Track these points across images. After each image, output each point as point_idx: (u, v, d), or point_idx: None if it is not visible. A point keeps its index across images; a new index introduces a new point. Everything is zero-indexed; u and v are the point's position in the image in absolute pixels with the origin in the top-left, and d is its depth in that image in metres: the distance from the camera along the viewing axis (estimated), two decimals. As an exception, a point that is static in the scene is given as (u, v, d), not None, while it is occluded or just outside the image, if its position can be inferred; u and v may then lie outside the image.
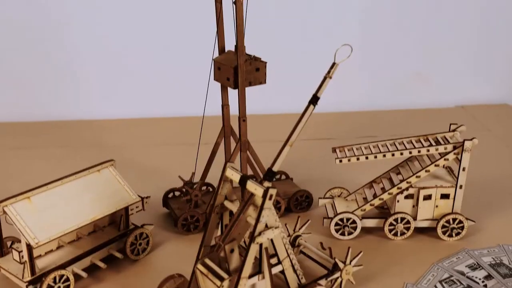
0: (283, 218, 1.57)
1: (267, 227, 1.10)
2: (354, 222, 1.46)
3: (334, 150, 1.48)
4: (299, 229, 1.38)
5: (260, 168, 1.53)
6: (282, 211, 1.57)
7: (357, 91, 2.36)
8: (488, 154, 1.95)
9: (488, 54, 2.42)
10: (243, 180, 1.11)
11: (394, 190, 1.44)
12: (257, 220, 1.08)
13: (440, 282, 1.32)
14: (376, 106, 2.35)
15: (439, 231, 1.46)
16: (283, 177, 1.70)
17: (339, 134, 2.09)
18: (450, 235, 1.47)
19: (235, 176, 1.14)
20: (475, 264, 1.38)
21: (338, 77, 2.03)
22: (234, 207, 1.17)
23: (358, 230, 1.47)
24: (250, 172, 1.55)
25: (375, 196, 1.48)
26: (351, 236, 1.48)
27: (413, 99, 2.38)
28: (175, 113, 2.26)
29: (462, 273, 1.35)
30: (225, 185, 1.17)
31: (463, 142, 1.40)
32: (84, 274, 1.29)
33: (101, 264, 1.32)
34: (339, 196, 1.56)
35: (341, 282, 1.28)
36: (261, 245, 1.11)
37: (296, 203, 1.60)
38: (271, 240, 1.14)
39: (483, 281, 1.33)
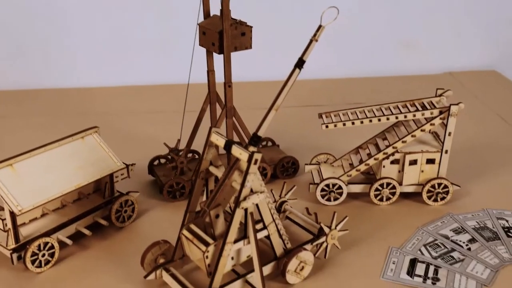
0: (270, 184, 1.57)
1: (252, 192, 1.10)
2: (340, 187, 1.47)
3: (320, 115, 1.48)
4: (285, 194, 1.37)
5: (246, 134, 1.52)
6: (268, 178, 1.57)
7: (344, 58, 2.34)
8: (475, 120, 1.95)
9: (476, 21, 2.40)
10: (228, 145, 1.10)
11: (380, 156, 1.44)
12: (242, 184, 1.07)
13: (425, 245, 1.33)
14: (364, 73, 2.34)
15: (425, 196, 1.47)
16: (270, 143, 1.69)
17: (326, 101, 2.08)
18: (435, 200, 1.47)
19: (220, 141, 1.13)
20: (459, 228, 1.39)
21: (326, 43, 2.02)
22: (219, 172, 1.16)
23: (344, 195, 1.48)
24: (236, 138, 1.54)
25: (361, 161, 1.48)
26: (337, 202, 1.48)
27: (401, 66, 2.37)
28: (161, 80, 2.23)
29: (447, 237, 1.36)
30: (210, 151, 1.16)
31: (449, 107, 1.40)
32: (69, 242, 1.28)
33: (86, 231, 1.32)
34: (325, 162, 1.56)
35: (326, 246, 1.28)
36: (246, 210, 1.11)
37: (282, 169, 1.59)
38: (256, 205, 1.14)
39: (467, 245, 1.34)
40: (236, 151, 1.09)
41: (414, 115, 1.43)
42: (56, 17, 2.18)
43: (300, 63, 1.12)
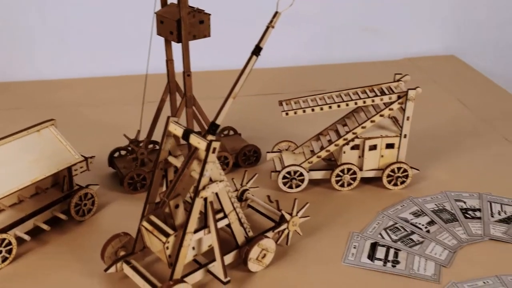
0: (232, 173, 1.56)
1: (211, 181, 1.09)
2: (301, 174, 1.47)
3: (280, 103, 1.48)
4: (247, 183, 1.37)
5: (207, 124, 1.51)
6: (230, 167, 1.56)
7: (305, 46, 2.35)
8: (434, 105, 1.98)
9: (435, 6, 2.43)
10: (186, 134, 1.09)
11: (340, 142, 1.45)
12: (201, 174, 1.06)
13: (385, 229, 1.35)
14: (325, 60, 2.35)
15: (385, 180, 1.48)
16: (231, 132, 1.68)
17: (288, 89, 2.08)
18: (395, 184, 1.49)
19: (178, 131, 1.12)
20: (418, 211, 1.41)
21: (287, 31, 2.02)
22: (178, 162, 1.15)
23: (306, 182, 1.48)
24: (197, 128, 1.53)
25: (322, 148, 1.48)
26: (299, 189, 1.49)
27: (361, 53, 2.39)
28: (119, 71, 2.20)
29: (406, 220, 1.38)
30: (168, 140, 1.15)
31: (407, 91, 1.41)
32: (27, 237, 1.26)
33: (45, 227, 1.29)
34: (286, 149, 1.56)
35: (288, 233, 1.28)
36: (205, 199, 1.10)
37: (244, 158, 1.59)
38: (216, 194, 1.13)
39: (426, 227, 1.36)
40: (194, 140, 1.08)
41: (373, 101, 1.44)
42: (14, 8, 2.13)
43: (257, 50, 1.12)
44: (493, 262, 1.26)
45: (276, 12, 1.11)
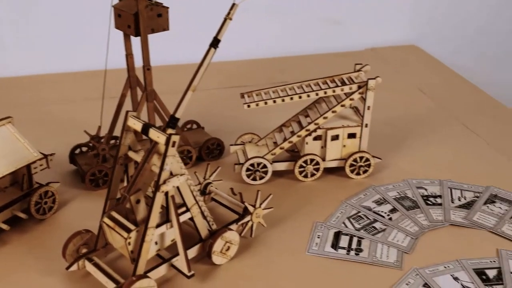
0: (195, 167, 1.56)
1: (172, 175, 1.09)
2: (265, 166, 1.47)
3: (242, 95, 1.47)
4: (210, 176, 1.37)
5: (168, 118, 1.49)
6: (193, 160, 1.56)
7: (267, 38, 2.34)
8: (396, 94, 2.00)
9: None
10: (145, 129, 1.08)
11: (303, 133, 1.46)
12: (161, 168, 1.06)
13: (348, 218, 1.36)
14: (288, 52, 2.35)
15: (347, 170, 1.50)
16: (194, 126, 1.67)
17: (251, 82, 2.08)
18: (358, 173, 1.51)
19: (137, 125, 1.10)
20: (381, 199, 1.43)
21: (248, 23, 2.01)
22: (138, 157, 1.14)
23: (269, 174, 1.48)
24: (159, 122, 1.51)
25: (284, 139, 1.49)
26: (262, 181, 1.49)
27: (324, 44, 2.39)
28: (78, 67, 2.15)
29: (369, 209, 1.40)
30: (128, 135, 1.13)
31: (367, 81, 1.42)
32: (-14, 237, 1.24)
33: (4, 226, 1.27)
34: (250, 142, 1.56)
35: (252, 225, 1.29)
36: (167, 193, 1.09)
37: (207, 151, 1.58)
38: (178, 188, 1.12)
39: (388, 214, 1.38)
40: (154, 134, 1.07)
41: (334, 91, 1.45)
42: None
43: (215, 42, 1.11)
44: (454, 247, 1.29)
45: (233, 4, 1.10)
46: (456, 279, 1.19)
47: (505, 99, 2.04)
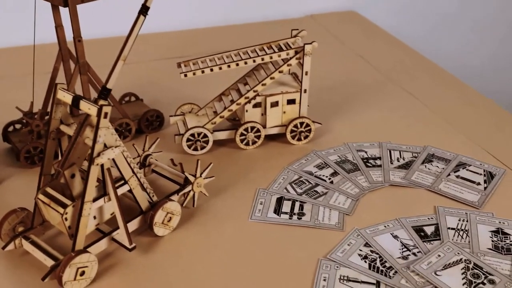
0: (136, 140, 1.53)
1: (106, 147, 1.06)
2: (205, 136, 1.46)
3: (179, 65, 1.45)
4: (149, 148, 1.35)
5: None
6: (133, 133, 1.53)
7: (205, 7, 2.30)
8: (335, 60, 2.01)
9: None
10: (76, 101, 1.05)
11: (242, 100, 1.45)
12: (94, 140, 1.03)
13: (290, 183, 1.37)
14: (227, 21, 2.32)
15: (288, 136, 1.50)
16: (133, 98, 1.64)
17: (188, 52, 2.04)
18: (299, 139, 1.51)
19: (67, 98, 1.07)
20: (322, 164, 1.44)
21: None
22: (71, 130, 1.10)
23: (210, 143, 1.47)
24: (95, 95, 1.47)
25: (224, 108, 1.47)
26: (204, 151, 1.48)
27: (262, 12, 2.37)
28: (6, 43, 2.06)
29: (311, 173, 1.41)
30: (58, 109, 1.10)
31: (304, 46, 1.42)
32: None
33: None
34: (190, 112, 1.54)
35: (193, 195, 1.28)
36: (102, 166, 1.07)
37: (147, 123, 1.56)
38: (114, 160, 1.10)
39: (329, 178, 1.39)
40: (85, 106, 1.04)
41: (271, 57, 1.44)
42: None
43: (144, 10, 1.08)
44: (393, 206, 1.31)
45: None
46: (395, 237, 1.22)
47: (442, 62, 2.09)
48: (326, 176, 1.39)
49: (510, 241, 1.20)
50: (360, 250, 1.18)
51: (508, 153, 1.49)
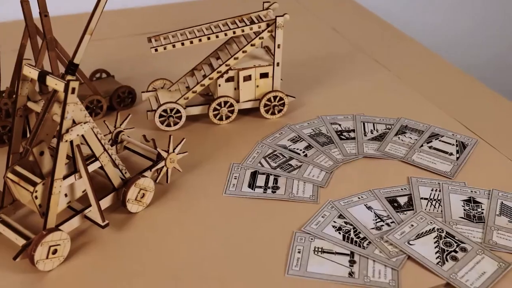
0: (107, 117, 1.51)
1: (75, 123, 1.04)
2: (178, 111, 1.44)
3: (149, 39, 1.42)
4: (120, 124, 1.33)
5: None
6: (104, 110, 1.50)
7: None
8: (308, 33, 2.00)
9: None
10: (42, 76, 1.03)
11: (214, 75, 1.43)
12: (62, 116, 1.01)
13: (264, 158, 1.37)
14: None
15: (262, 110, 1.49)
16: (104, 75, 1.61)
17: (159, 28, 2.00)
18: (273, 113, 1.51)
19: (33, 74, 1.04)
20: (296, 137, 1.44)
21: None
22: (38, 107, 1.08)
23: (183, 119, 1.46)
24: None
25: (197, 83, 1.46)
26: (177, 126, 1.46)
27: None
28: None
29: (285, 147, 1.40)
30: (24, 85, 1.07)
31: (275, 18, 1.40)
32: None
33: None
34: (162, 88, 1.52)
35: (167, 171, 1.27)
36: (71, 142, 1.05)
37: (119, 100, 1.53)
38: (84, 136, 1.08)
39: (303, 151, 1.39)
40: (52, 81, 1.02)
41: (243, 30, 1.42)
42: None
43: (110, -18, 1.06)
44: (367, 178, 1.32)
45: None
46: (369, 208, 1.23)
47: (415, 34, 2.09)
48: (300, 150, 1.39)
49: (482, 209, 1.22)
50: (334, 222, 1.19)
51: (480, 123, 1.51)
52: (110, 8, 1.12)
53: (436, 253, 1.11)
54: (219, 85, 1.44)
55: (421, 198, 1.25)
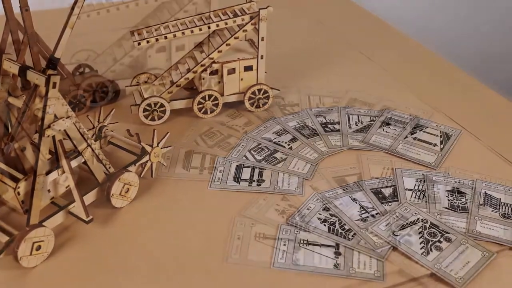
0: (90, 111, 1.49)
1: (57, 118, 1.03)
2: (162, 105, 1.44)
3: (132, 33, 1.41)
4: (104, 119, 1.32)
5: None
6: (88, 105, 1.49)
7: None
8: (292, 25, 1.99)
9: None
10: (23, 71, 1.02)
11: (198, 68, 1.43)
12: (43, 111, 1.00)
13: (249, 151, 1.36)
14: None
15: (247, 103, 1.49)
16: (87, 70, 1.60)
17: (148, 22, 2.00)
18: (258, 106, 1.50)
19: (13, 68, 1.03)
20: (281, 130, 1.44)
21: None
22: (19, 102, 1.07)
23: (168, 113, 1.45)
24: (46, 67, 1.43)
25: (181, 77, 1.45)
26: (161, 120, 1.46)
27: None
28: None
29: (270, 140, 1.40)
30: (5, 80, 1.06)
31: (259, 11, 1.40)
32: None
33: None
34: (146, 82, 1.51)
35: (151, 165, 1.26)
36: (54, 137, 1.04)
37: (102, 94, 1.52)
38: (66, 131, 1.07)
39: (288, 144, 1.39)
40: (32, 76, 1.01)
41: (226, 23, 1.41)
42: None
43: (91, -25, 1.05)
44: (352, 169, 1.32)
45: None
46: (354, 200, 1.23)
47: (402, 26, 2.09)
48: (285, 142, 1.39)
49: (466, 199, 1.23)
50: (320, 214, 1.19)
51: (464, 114, 1.51)
52: (95, 2, 1.11)
53: (420, 243, 1.12)
54: (203, 79, 1.44)
55: (406, 189, 1.26)
